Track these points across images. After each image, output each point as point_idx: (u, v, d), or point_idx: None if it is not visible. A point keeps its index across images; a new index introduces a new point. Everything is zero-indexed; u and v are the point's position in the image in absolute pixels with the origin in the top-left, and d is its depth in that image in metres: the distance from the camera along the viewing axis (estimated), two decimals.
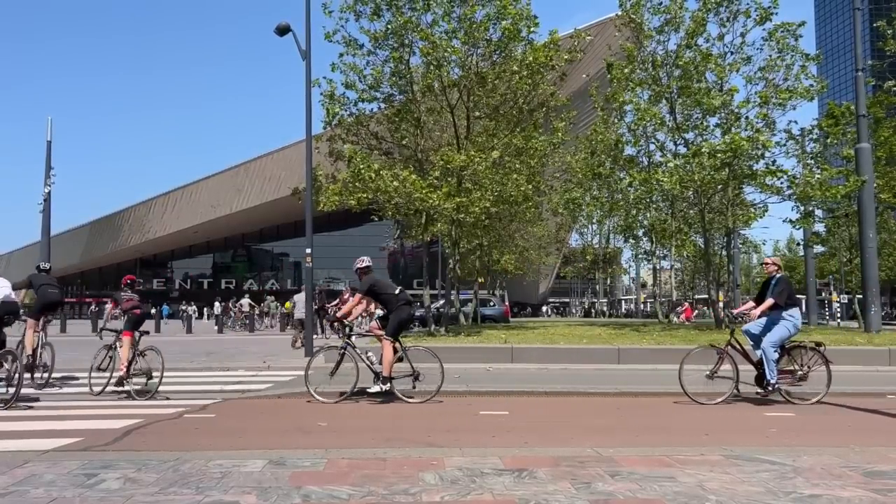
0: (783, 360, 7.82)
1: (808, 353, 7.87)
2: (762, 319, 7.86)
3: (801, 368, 7.80)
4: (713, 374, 7.74)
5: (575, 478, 3.96)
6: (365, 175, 15.03)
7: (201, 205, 52.01)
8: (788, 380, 7.77)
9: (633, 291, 64.17)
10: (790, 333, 7.77)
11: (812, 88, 17.47)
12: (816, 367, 7.83)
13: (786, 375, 7.77)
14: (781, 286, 7.82)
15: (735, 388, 7.74)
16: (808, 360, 7.83)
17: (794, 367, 7.82)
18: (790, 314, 7.76)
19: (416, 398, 7.74)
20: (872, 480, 3.93)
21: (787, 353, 7.87)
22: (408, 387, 7.88)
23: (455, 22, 15.82)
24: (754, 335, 7.92)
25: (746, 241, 37.58)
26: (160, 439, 5.57)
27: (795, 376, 7.77)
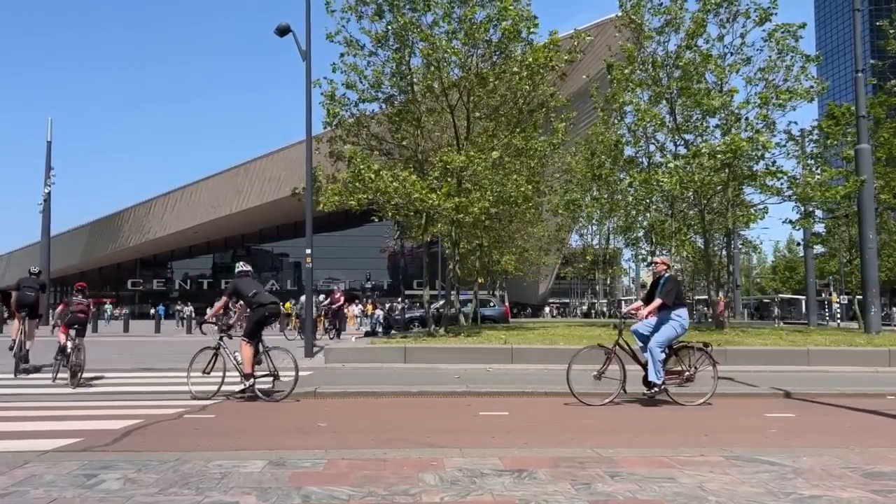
0: (671, 361, 7.70)
1: (696, 353, 7.77)
2: (651, 320, 7.71)
3: (689, 369, 7.69)
4: (600, 374, 7.61)
5: (575, 478, 3.96)
6: (365, 175, 15.04)
7: (201, 205, 52.03)
8: (676, 380, 7.67)
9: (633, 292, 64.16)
10: (677, 334, 7.63)
11: (812, 89, 17.50)
12: (704, 367, 7.73)
13: (673, 376, 7.66)
14: (669, 285, 7.68)
15: (622, 388, 7.61)
16: (695, 361, 7.73)
17: (682, 367, 7.71)
18: (678, 314, 7.62)
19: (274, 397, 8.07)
20: (872, 481, 3.93)
21: (675, 354, 7.75)
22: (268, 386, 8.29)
23: (455, 23, 15.83)
24: (643, 335, 7.73)
25: (746, 241, 37.48)
26: (160, 440, 5.57)
27: (683, 377, 7.66)
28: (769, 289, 74.70)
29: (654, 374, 7.48)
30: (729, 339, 14.03)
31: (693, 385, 7.71)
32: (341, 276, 60.83)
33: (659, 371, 7.49)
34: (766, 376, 10.23)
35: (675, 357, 7.74)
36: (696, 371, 7.70)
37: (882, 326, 16.94)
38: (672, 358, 7.71)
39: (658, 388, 7.52)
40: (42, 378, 10.40)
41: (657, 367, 7.49)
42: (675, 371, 7.70)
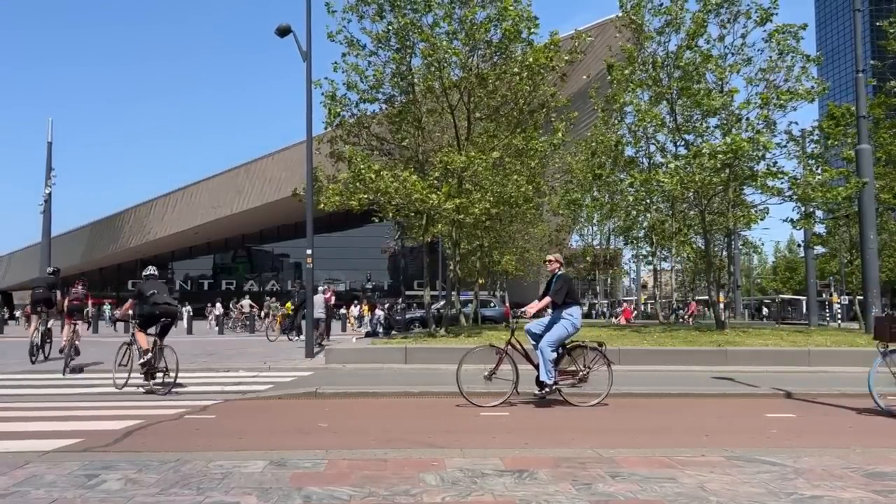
0: (564, 361, 7.57)
1: (590, 353, 7.67)
2: (545, 319, 7.62)
3: (583, 369, 7.57)
4: (491, 375, 7.48)
5: (576, 479, 3.96)
6: (365, 176, 15.05)
7: (202, 206, 52.06)
8: (569, 380, 7.54)
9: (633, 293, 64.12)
10: (568, 333, 7.51)
11: (813, 90, 17.48)
12: (598, 367, 7.63)
13: (566, 376, 7.53)
14: (559, 284, 7.57)
15: (514, 389, 7.47)
16: (590, 361, 7.61)
17: (575, 367, 7.59)
18: (569, 313, 7.51)
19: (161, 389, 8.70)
20: (873, 481, 3.93)
21: (568, 354, 7.64)
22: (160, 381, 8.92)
23: (456, 23, 15.84)
24: (535, 335, 7.61)
25: (747, 242, 37.48)
26: (161, 440, 5.58)
27: (577, 377, 7.54)
28: (770, 289, 74.68)
29: (545, 374, 7.33)
30: (729, 339, 14.03)
31: (587, 385, 7.58)
32: (342, 277, 60.86)
33: (550, 371, 7.34)
34: (766, 376, 10.22)
35: (569, 357, 7.61)
36: (590, 371, 7.57)
37: None
38: (566, 358, 7.58)
39: (549, 388, 7.36)
40: (44, 379, 10.41)
41: (547, 366, 7.34)
42: (569, 371, 7.56)
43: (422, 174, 16.35)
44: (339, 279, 59.56)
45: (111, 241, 57.03)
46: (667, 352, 12.49)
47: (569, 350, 7.64)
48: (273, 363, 12.48)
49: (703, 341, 13.75)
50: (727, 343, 13.20)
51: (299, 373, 11.05)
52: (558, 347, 7.51)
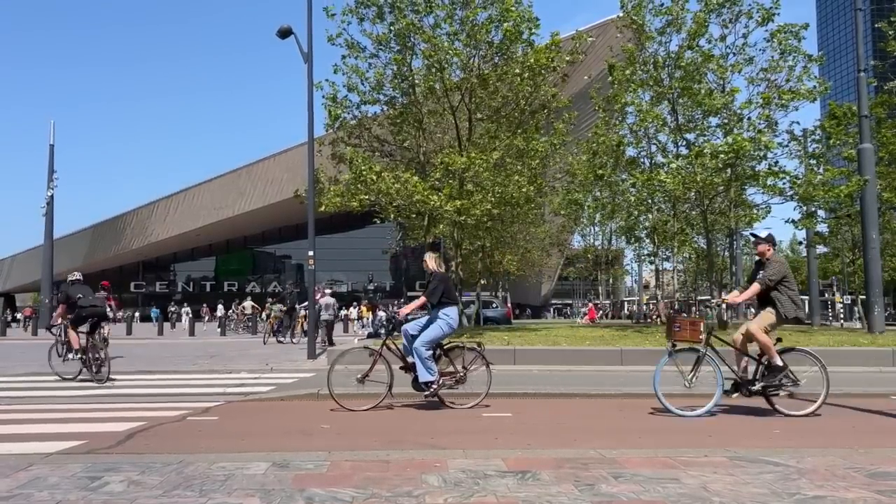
0: (442, 362, 7.42)
1: (469, 354, 7.56)
2: (422, 319, 7.47)
3: (461, 370, 7.44)
4: (364, 377, 7.34)
5: (578, 479, 3.95)
6: (367, 177, 15.07)
7: (204, 207, 52.13)
8: (448, 382, 7.37)
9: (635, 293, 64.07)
10: (444, 333, 7.35)
11: (815, 90, 17.47)
12: (477, 368, 7.52)
13: (445, 377, 7.36)
14: (435, 283, 7.46)
15: (389, 391, 7.36)
16: (468, 362, 7.52)
17: (454, 368, 7.44)
18: (445, 313, 7.37)
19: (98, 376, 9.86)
20: (877, 482, 3.92)
21: (446, 355, 7.48)
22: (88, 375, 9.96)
23: (457, 24, 15.86)
24: (411, 335, 7.43)
25: (749, 241, 37.40)
26: (163, 442, 5.58)
27: (455, 378, 7.39)
28: None
29: (426, 373, 7.18)
30: None
31: (465, 386, 7.46)
32: (344, 278, 60.90)
33: (431, 368, 7.20)
34: None
35: (447, 358, 7.46)
36: (467, 372, 7.47)
37: (886, 326, 16.88)
38: (443, 359, 7.43)
39: (435, 387, 7.21)
40: (47, 381, 10.42)
41: (426, 364, 7.20)
42: (447, 372, 7.41)
43: (423, 175, 16.37)
44: (340, 280, 59.60)
45: (113, 242, 57.12)
46: None
47: (446, 351, 7.49)
48: (275, 364, 12.49)
49: None
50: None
51: (301, 374, 11.05)
52: (435, 348, 7.38)
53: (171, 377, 10.87)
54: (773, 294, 6.96)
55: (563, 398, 8.40)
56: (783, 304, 6.92)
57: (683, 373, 6.95)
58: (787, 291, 6.98)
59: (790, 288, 7.01)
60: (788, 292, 6.98)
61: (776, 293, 6.96)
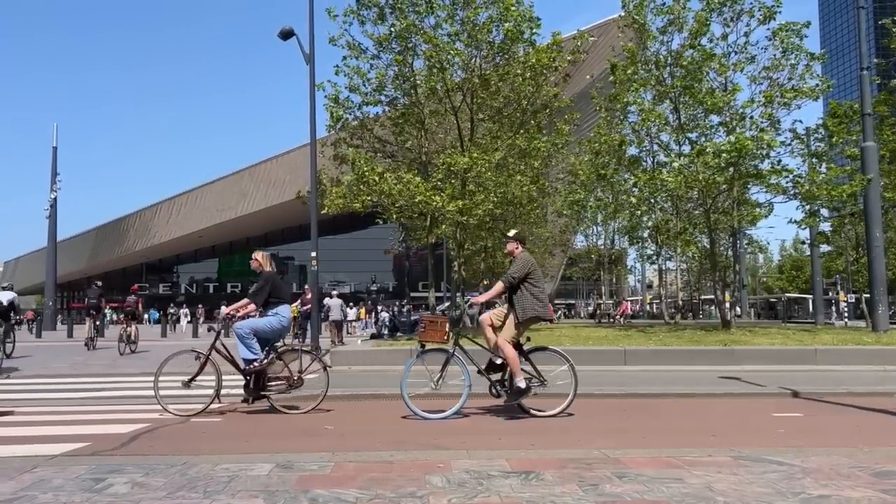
0: (276, 366, 7.26)
1: (306, 357, 7.44)
2: (252, 321, 7.32)
3: (296, 374, 7.27)
4: (191, 381, 7.16)
5: (582, 479, 3.95)
6: (369, 178, 15.08)
7: (206, 209, 52.24)
8: (282, 386, 7.21)
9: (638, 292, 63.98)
10: (272, 328, 7.22)
11: (817, 88, 17.43)
12: (313, 371, 7.43)
13: (278, 382, 7.22)
14: (260, 284, 7.37)
15: (217, 395, 7.18)
16: (304, 366, 7.38)
17: (288, 372, 7.26)
18: (276, 311, 7.29)
19: None
20: (881, 481, 3.91)
21: (280, 358, 7.28)
22: None
23: (458, 24, 15.86)
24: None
25: (752, 241, 37.31)
26: (167, 443, 5.59)
27: (290, 382, 7.24)
28: (775, 288, 74.46)
29: (248, 352, 7.05)
30: (735, 338, 13.98)
31: (302, 389, 7.36)
32: (347, 279, 60.94)
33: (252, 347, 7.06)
34: (773, 376, 10.18)
35: (281, 361, 7.30)
36: (303, 375, 7.33)
37: (890, 325, 16.84)
38: (278, 363, 7.29)
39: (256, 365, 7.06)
40: (50, 383, 10.44)
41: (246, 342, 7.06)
42: (283, 377, 7.23)
43: (425, 176, 16.37)
44: (343, 281, 59.64)
45: (116, 244, 57.27)
46: (672, 352, 12.46)
47: (280, 354, 7.34)
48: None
49: (709, 341, 13.71)
50: (733, 342, 13.15)
51: (306, 375, 11.04)
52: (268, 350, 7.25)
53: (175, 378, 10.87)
54: (516, 294, 6.82)
55: (565, 399, 8.37)
56: (522, 303, 6.77)
57: (431, 373, 6.83)
58: (531, 289, 6.81)
59: (535, 285, 6.85)
60: (533, 289, 6.82)
61: (518, 293, 6.81)
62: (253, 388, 7.17)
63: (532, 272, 6.87)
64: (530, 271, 6.87)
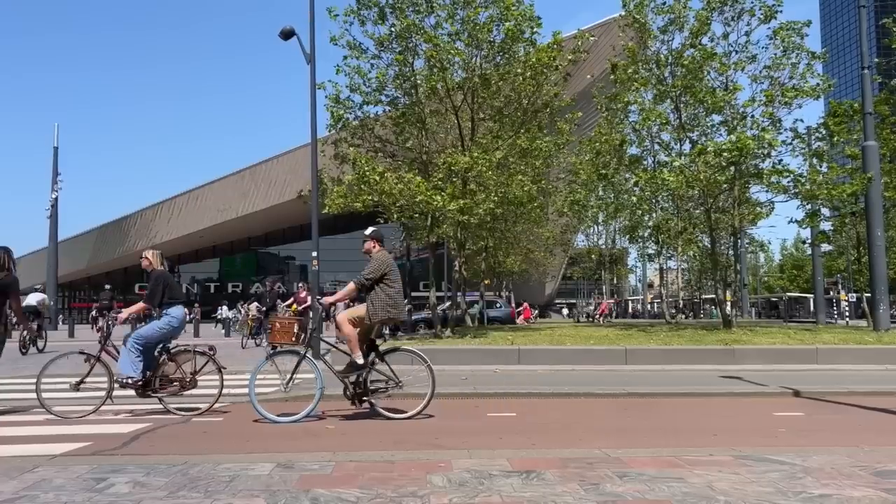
0: (168, 367, 7.11)
1: (200, 358, 7.21)
2: (145, 333, 7.07)
3: (189, 375, 7.11)
4: (79, 384, 6.94)
5: (583, 479, 3.95)
6: (370, 178, 15.07)
7: (207, 209, 52.25)
8: (174, 388, 7.08)
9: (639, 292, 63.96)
10: (163, 332, 7.05)
11: (818, 87, 17.42)
12: (208, 373, 7.20)
13: (172, 384, 7.09)
14: (152, 284, 7.16)
15: (109, 396, 7.02)
16: (198, 366, 7.19)
17: (181, 374, 7.10)
18: (167, 312, 7.10)
19: None
20: (883, 480, 3.91)
21: (173, 359, 7.14)
22: None
23: (458, 24, 15.85)
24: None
25: (753, 240, 37.31)
26: (168, 443, 5.59)
27: (183, 383, 7.09)
28: (777, 287, 74.42)
29: (129, 367, 6.88)
30: (736, 338, 13.98)
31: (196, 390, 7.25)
32: (347, 279, 60.96)
33: (135, 363, 6.89)
34: (774, 375, 10.18)
35: (174, 362, 7.13)
36: (196, 376, 7.17)
37: (891, 324, 16.83)
38: (170, 364, 7.12)
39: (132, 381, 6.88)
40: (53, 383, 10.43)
41: (130, 357, 6.89)
42: (175, 378, 7.09)
43: (426, 175, 16.36)
44: (344, 281, 59.63)
45: (117, 244, 57.28)
46: (673, 351, 12.46)
47: (173, 355, 7.18)
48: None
49: (710, 340, 13.71)
50: (734, 342, 13.15)
51: (305, 374, 11.04)
52: (160, 350, 7.12)
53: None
54: (370, 294, 6.69)
55: (568, 398, 8.39)
56: (374, 304, 6.64)
57: (283, 375, 6.71)
58: (385, 290, 6.68)
59: (390, 286, 6.71)
60: (388, 290, 6.69)
61: (372, 293, 6.68)
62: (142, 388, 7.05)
63: (388, 273, 6.73)
64: (386, 272, 6.72)
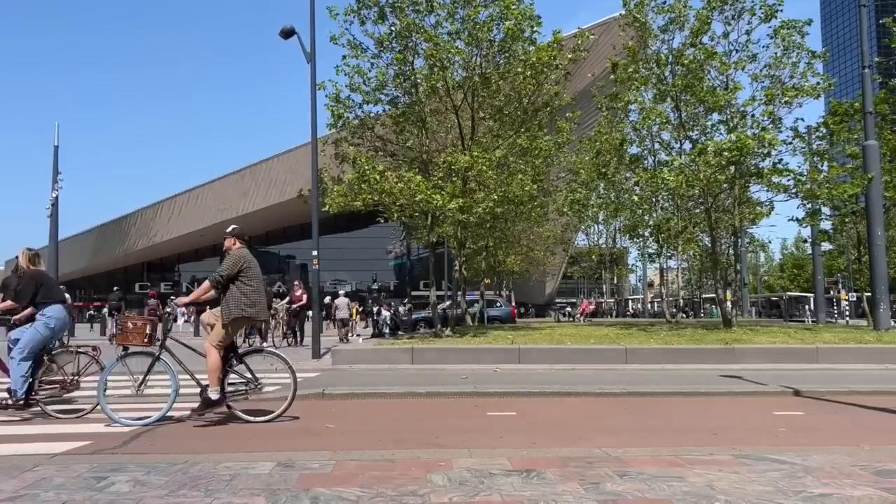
0: (49, 369, 6.88)
1: (83, 358, 6.99)
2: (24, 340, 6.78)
3: (70, 376, 6.91)
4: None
5: (583, 478, 3.95)
6: (370, 176, 15.06)
7: (207, 208, 52.24)
8: (54, 389, 6.85)
9: (639, 291, 63.95)
10: (42, 336, 6.79)
11: (819, 86, 17.40)
12: (90, 372, 6.94)
13: (52, 386, 6.85)
14: (23, 285, 6.92)
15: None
16: (81, 367, 6.98)
17: (62, 375, 6.89)
18: (43, 314, 6.84)
19: None
20: (883, 479, 3.91)
21: (53, 361, 6.91)
22: None
23: (458, 23, 15.84)
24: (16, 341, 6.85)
25: (754, 239, 37.31)
26: (169, 442, 5.60)
27: (64, 384, 6.88)
28: (777, 287, 74.43)
29: (18, 382, 6.64)
30: (737, 337, 13.98)
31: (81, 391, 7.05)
32: (348, 278, 60.98)
33: (20, 384, 6.63)
34: (774, 374, 10.19)
35: (55, 364, 6.89)
36: (79, 377, 6.95)
37: (891, 323, 16.83)
38: (50, 365, 6.88)
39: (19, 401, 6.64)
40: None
41: (15, 374, 6.66)
42: (55, 381, 6.85)
43: (426, 174, 16.35)
44: (344, 280, 59.66)
45: (118, 244, 57.28)
46: (674, 350, 12.46)
47: (54, 357, 6.96)
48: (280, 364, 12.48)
49: (710, 339, 13.71)
50: (734, 341, 13.16)
51: (306, 374, 11.06)
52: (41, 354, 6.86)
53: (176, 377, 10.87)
54: (225, 292, 6.52)
55: (568, 397, 8.39)
56: (229, 302, 6.47)
57: (135, 377, 6.53)
58: (242, 288, 6.50)
59: (247, 284, 6.53)
60: (244, 289, 6.51)
61: (228, 291, 6.51)
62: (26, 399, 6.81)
63: (245, 270, 6.55)
64: (243, 269, 6.54)
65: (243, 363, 6.69)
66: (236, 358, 6.68)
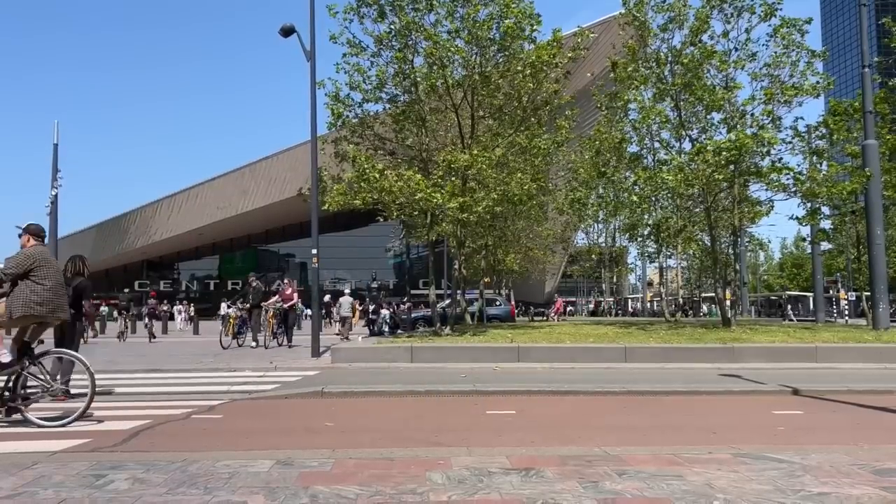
0: None
1: None
2: None
3: None
4: None
5: (582, 477, 3.95)
6: (370, 175, 15.06)
7: (207, 206, 52.23)
8: None
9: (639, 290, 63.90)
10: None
11: (818, 85, 17.38)
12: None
13: None
14: None
15: None
16: None
17: None
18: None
19: None
20: (882, 478, 3.91)
21: None
22: None
23: (458, 22, 15.83)
24: None
25: (753, 238, 37.24)
26: (168, 440, 5.60)
27: None
28: (776, 286, 74.44)
29: None
30: (736, 336, 13.98)
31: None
32: (347, 276, 61.02)
33: None
34: (773, 373, 10.19)
35: None
36: None
37: (890, 323, 16.84)
38: None
39: None
40: None
41: None
42: None
43: (425, 173, 16.35)
44: (344, 278, 59.69)
45: (117, 242, 57.26)
46: (673, 349, 12.47)
47: None
48: (279, 363, 12.51)
49: (709, 338, 13.71)
50: (733, 340, 13.16)
51: (305, 372, 11.08)
52: None
53: (176, 375, 10.90)
54: (14, 289, 6.30)
55: (568, 395, 8.40)
56: (14, 299, 6.24)
57: None
58: (31, 286, 6.26)
59: (38, 282, 6.29)
60: (34, 286, 6.26)
61: (17, 288, 6.28)
62: None
63: (36, 268, 6.33)
64: (34, 267, 6.32)
65: (40, 365, 6.43)
66: (30, 360, 6.40)
